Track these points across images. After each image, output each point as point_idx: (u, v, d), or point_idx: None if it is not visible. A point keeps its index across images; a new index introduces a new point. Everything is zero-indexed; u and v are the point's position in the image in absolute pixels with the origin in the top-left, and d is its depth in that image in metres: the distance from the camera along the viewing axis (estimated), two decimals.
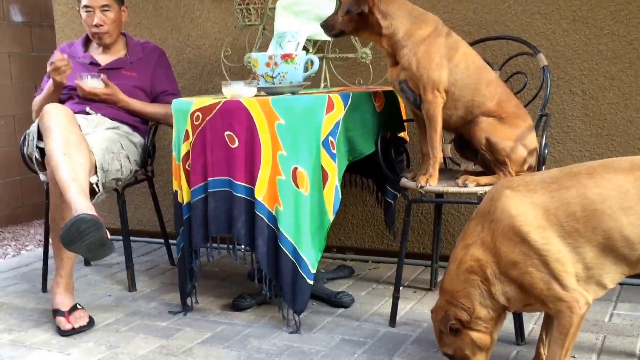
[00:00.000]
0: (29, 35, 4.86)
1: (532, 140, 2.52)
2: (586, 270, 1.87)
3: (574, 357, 2.27)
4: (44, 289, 3.21)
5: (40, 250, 3.93)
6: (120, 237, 3.18)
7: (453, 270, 1.96)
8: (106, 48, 3.32)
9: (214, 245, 2.65)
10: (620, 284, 2.90)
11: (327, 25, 2.58)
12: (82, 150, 2.67)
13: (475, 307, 1.93)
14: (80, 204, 2.47)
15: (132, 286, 3.16)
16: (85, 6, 3.21)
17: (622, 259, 1.86)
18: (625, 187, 1.84)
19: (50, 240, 3.00)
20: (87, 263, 3.60)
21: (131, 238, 3.29)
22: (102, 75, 3.12)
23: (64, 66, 3.02)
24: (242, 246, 2.63)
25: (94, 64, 3.28)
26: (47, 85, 3.15)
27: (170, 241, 3.52)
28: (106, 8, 3.21)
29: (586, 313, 1.88)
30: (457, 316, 1.93)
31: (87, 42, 3.38)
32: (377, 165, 2.76)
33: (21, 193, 4.85)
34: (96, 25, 3.22)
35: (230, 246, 2.64)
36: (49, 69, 3.03)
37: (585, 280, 1.89)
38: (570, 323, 1.86)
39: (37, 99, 3.25)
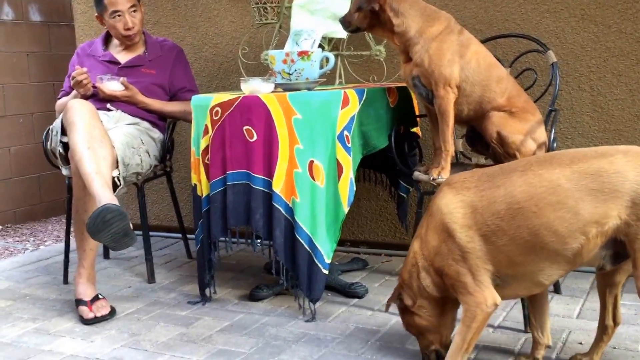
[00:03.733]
0: (48, 34, 4.96)
1: (541, 134, 2.58)
2: (513, 266, 1.93)
3: (580, 343, 2.34)
4: (66, 280, 3.29)
5: (59, 245, 4.02)
6: (139, 232, 3.25)
7: (405, 260, 2.13)
8: (126, 46, 3.39)
9: (233, 239, 2.73)
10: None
11: (344, 22, 2.66)
12: (105, 144, 2.76)
13: (417, 297, 2.09)
14: (105, 196, 2.56)
15: (151, 278, 3.24)
16: (114, 11, 3.24)
17: (556, 255, 1.89)
18: (558, 182, 1.86)
19: (72, 232, 3.08)
20: (106, 256, 3.69)
21: (149, 233, 3.37)
22: (121, 78, 3.19)
23: (84, 80, 3.11)
24: (259, 240, 2.71)
25: (114, 62, 3.36)
26: (74, 94, 3.23)
27: (188, 236, 3.60)
28: (134, 9, 3.28)
29: (492, 313, 1.96)
30: (402, 299, 2.12)
31: (106, 41, 3.45)
32: (390, 160, 2.84)
33: (39, 190, 4.95)
34: (129, 28, 3.27)
35: (249, 240, 2.72)
36: (72, 83, 3.14)
37: (513, 277, 1.96)
38: (474, 316, 1.95)
39: (61, 102, 3.33)
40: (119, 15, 3.25)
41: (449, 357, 2.02)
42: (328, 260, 2.61)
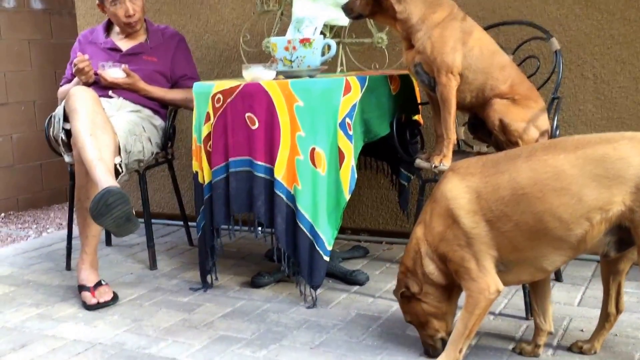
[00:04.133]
0: (49, 22, 4.96)
1: (544, 122, 2.58)
2: (517, 252, 1.94)
3: (581, 330, 2.34)
4: (68, 267, 3.31)
5: (62, 232, 4.04)
6: (141, 219, 3.25)
7: (407, 247, 2.13)
8: (128, 34, 3.38)
9: (236, 227, 2.73)
10: None
11: (346, 9, 2.65)
12: (107, 131, 2.76)
13: (423, 283, 2.08)
14: (107, 181, 2.55)
15: (153, 265, 3.25)
16: None
17: (560, 242, 1.90)
18: (562, 168, 1.86)
19: (75, 219, 3.09)
20: (108, 243, 3.70)
21: (151, 220, 3.37)
22: (123, 65, 3.19)
23: (86, 67, 3.11)
24: (261, 227, 2.71)
25: (115, 49, 3.35)
26: (76, 81, 3.23)
27: (190, 223, 3.61)
28: None
29: (495, 299, 1.98)
30: (409, 287, 2.09)
31: (108, 28, 3.45)
32: (391, 148, 2.83)
33: (41, 177, 4.96)
34: (129, 15, 3.26)
35: (251, 227, 2.72)
36: (74, 70, 3.14)
37: (516, 263, 1.97)
38: (477, 303, 1.96)
39: (63, 89, 3.34)
40: (119, 2, 3.24)
41: (450, 343, 2.03)
42: (329, 248, 2.62)
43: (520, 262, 1.97)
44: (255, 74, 2.70)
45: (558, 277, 2.85)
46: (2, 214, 4.69)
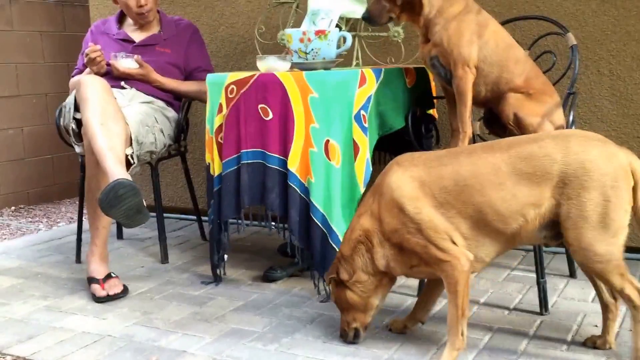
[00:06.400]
0: (62, 14, 4.95)
1: (559, 117, 2.55)
2: (463, 240, 2.03)
3: (595, 325, 2.31)
4: (78, 260, 3.28)
5: (72, 226, 4.02)
6: (153, 213, 3.23)
7: (346, 236, 2.19)
8: (141, 25, 3.36)
9: (246, 221, 2.71)
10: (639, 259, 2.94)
11: (372, 17, 2.59)
12: (118, 120, 2.74)
13: (357, 272, 2.15)
14: (118, 172, 2.53)
15: (164, 259, 3.23)
16: None
17: (497, 233, 2.01)
18: (498, 165, 1.98)
19: (85, 211, 3.07)
20: (119, 237, 3.68)
21: (163, 214, 3.35)
22: (136, 55, 3.18)
23: (98, 57, 3.09)
24: (274, 221, 2.69)
25: (128, 40, 3.34)
26: (87, 71, 3.21)
27: (203, 217, 3.58)
28: None
29: (470, 269, 2.02)
30: (339, 273, 2.17)
31: (121, 19, 3.43)
32: (406, 143, 2.80)
33: (52, 171, 4.94)
34: (141, 6, 3.24)
35: (262, 222, 2.70)
36: (85, 60, 3.12)
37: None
38: (455, 280, 2.01)
39: (75, 80, 3.31)
40: None
41: (450, 331, 2.05)
42: None
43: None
44: (269, 64, 2.68)
45: (572, 274, 2.84)
46: (13, 207, 4.68)
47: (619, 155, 1.94)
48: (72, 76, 3.39)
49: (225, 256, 2.85)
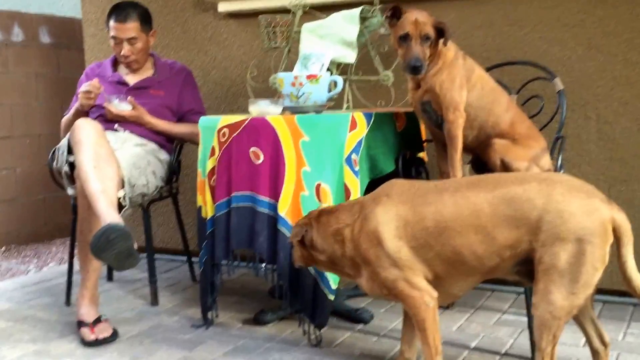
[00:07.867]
0: (56, 56, 4.99)
1: (546, 162, 2.58)
2: (436, 279, 2.08)
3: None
4: (68, 302, 3.27)
5: (62, 267, 4.01)
6: (144, 254, 3.23)
7: (328, 229, 2.21)
8: (134, 69, 3.40)
9: (235, 262, 2.71)
10: (634, 304, 2.94)
11: (419, 66, 2.47)
12: (111, 163, 2.76)
13: (324, 246, 2.22)
14: (109, 215, 2.55)
15: (155, 301, 3.22)
16: (113, 37, 3.30)
17: (472, 271, 2.05)
18: (481, 206, 2.00)
19: (75, 253, 3.07)
20: (109, 278, 3.67)
21: (154, 255, 3.34)
22: (129, 97, 3.21)
23: (94, 92, 3.13)
24: (263, 264, 2.69)
25: (123, 83, 3.38)
26: (76, 106, 3.25)
27: (193, 259, 3.58)
28: (133, 41, 3.29)
29: (435, 306, 2.08)
30: (306, 235, 2.24)
31: (115, 62, 3.47)
32: None
33: (44, 212, 4.93)
34: (124, 56, 3.31)
35: (251, 263, 2.70)
36: (81, 88, 3.14)
37: (434, 286, 2.09)
38: (423, 317, 2.07)
39: (66, 118, 3.35)
40: (117, 42, 3.29)
41: None
42: (334, 286, 2.59)
43: (436, 286, 2.09)
44: (261, 108, 2.71)
45: None
46: (3, 248, 4.66)
47: (601, 210, 1.91)
48: (64, 115, 3.40)
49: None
